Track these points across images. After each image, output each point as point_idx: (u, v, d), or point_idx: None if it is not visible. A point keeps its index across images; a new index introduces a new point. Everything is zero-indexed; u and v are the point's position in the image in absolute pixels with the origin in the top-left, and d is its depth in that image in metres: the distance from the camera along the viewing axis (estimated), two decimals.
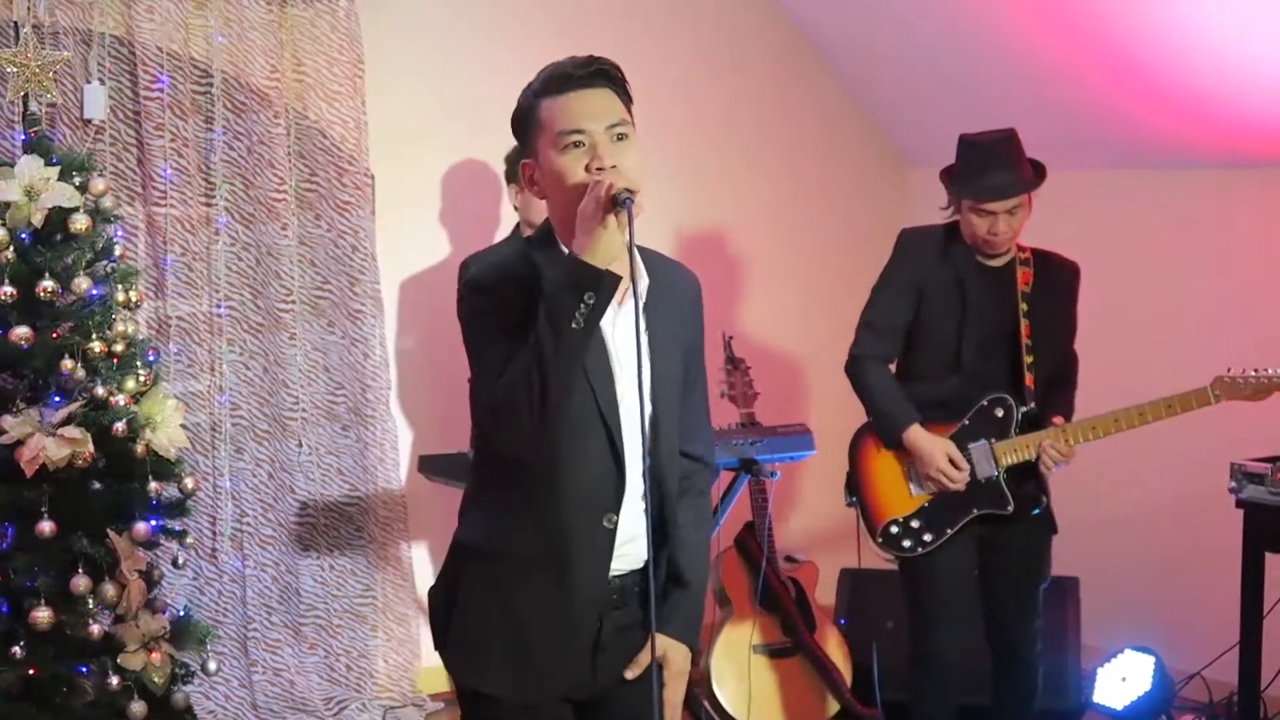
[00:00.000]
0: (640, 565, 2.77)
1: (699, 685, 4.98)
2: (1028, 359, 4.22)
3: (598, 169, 2.59)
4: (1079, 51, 5.20)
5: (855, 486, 4.40)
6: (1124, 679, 5.07)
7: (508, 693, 2.75)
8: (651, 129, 5.89)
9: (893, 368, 4.40)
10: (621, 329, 2.69)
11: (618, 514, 2.71)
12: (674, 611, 2.82)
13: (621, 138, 2.64)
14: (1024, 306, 4.21)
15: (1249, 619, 4.56)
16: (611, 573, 2.74)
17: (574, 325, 2.52)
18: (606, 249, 2.54)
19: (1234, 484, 4.50)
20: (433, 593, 2.88)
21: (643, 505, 2.71)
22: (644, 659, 2.78)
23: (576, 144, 2.62)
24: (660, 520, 2.76)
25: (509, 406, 2.57)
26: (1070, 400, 4.32)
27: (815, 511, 6.31)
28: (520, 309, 2.61)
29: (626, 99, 2.69)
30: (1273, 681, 4.75)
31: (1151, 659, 5.04)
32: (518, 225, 4.84)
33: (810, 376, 6.29)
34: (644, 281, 2.69)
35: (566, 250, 2.65)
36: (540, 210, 4.53)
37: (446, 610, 2.82)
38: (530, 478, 2.68)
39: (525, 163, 2.73)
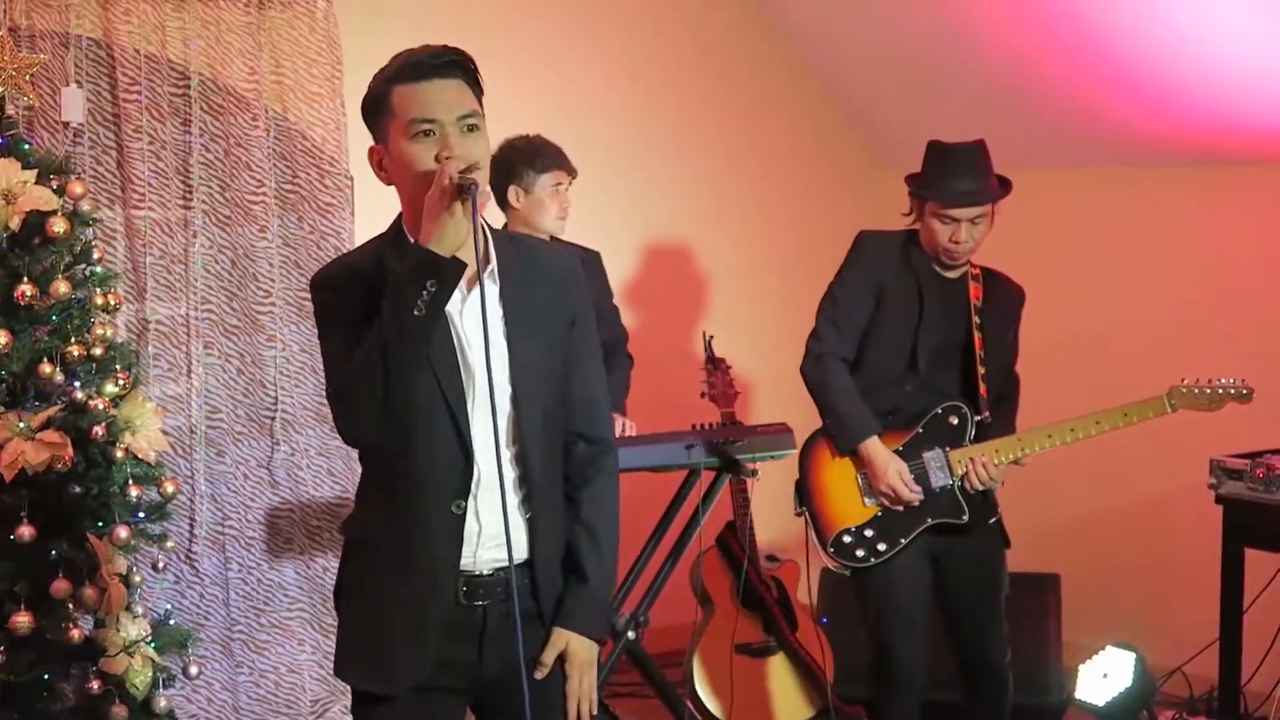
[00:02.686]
0: (522, 559, 2.76)
1: (682, 685, 4.98)
2: (981, 370, 4.20)
3: (445, 158, 2.62)
4: (1053, 50, 5.21)
5: (805, 495, 4.35)
6: (1105, 675, 5.08)
7: (360, 684, 2.78)
8: (629, 129, 5.95)
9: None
10: (469, 314, 2.69)
11: (465, 500, 2.71)
12: (574, 606, 2.82)
13: (473, 128, 2.68)
14: (977, 319, 4.19)
15: (1229, 614, 4.58)
16: (494, 565, 2.74)
17: (416, 312, 2.55)
18: (453, 236, 2.57)
19: (1213, 480, 4.52)
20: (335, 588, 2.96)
21: (514, 498, 2.73)
22: (547, 658, 2.80)
23: (427, 133, 2.66)
24: (531, 510, 2.76)
25: (352, 393, 2.62)
26: (1012, 419, 4.29)
27: None
28: (365, 303, 2.64)
29: (478, 90, 2.73)
30: (1253, 676, 4.77)
31: (1132, 655, 5.05)
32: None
33: (791, 375, 6.28)
34: (491, 263, 2.72)
35: (413, 240, 2.69)
36: (546, 214, 4.59)
37: (336, 604, 2.91)
38: (384, 466, 2.74)
39: (374, 148, 2.77)
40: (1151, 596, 5.50)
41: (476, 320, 2.64)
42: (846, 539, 4.25)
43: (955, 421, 4.19)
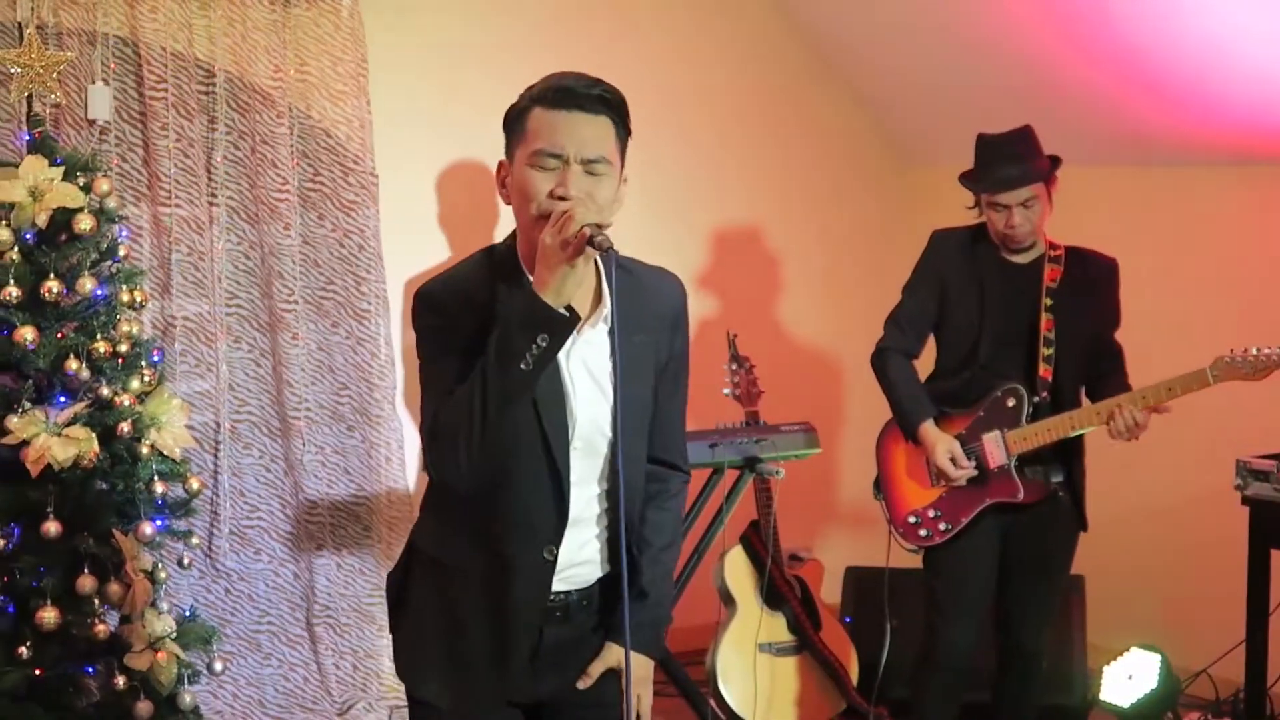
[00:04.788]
0: (586, 586, 2.75)
1: (705, 684, 4.98)
2: (1045, 351, 4.28)
3: (559, 196, 2.52)
4: (1082, 48, 5.20)
5: (880, 481, 4.51)
6: (1130, 677, 5.07)
7: (438, 701, 2.74)
8: (652, 130, 5.92)
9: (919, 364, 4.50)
10: (576, 358, 2.64)
11: (558, 546, 2.67)
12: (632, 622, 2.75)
13: (595, 174, 2.57)
14: (1048, 301, 4.28)
15: (1255, 616, 4.56)
16: (554, 591, 2.72)
17: (523, 366, 2.47)
18: (571, 289, 2.48)
19: (1240, 481, 4.50)
20: (390, 577, 2.88)
21: (593, 531, 2.72)
22: (594, 670, 2.77)
23: (548, 166, 2.55)
24: (616, 538, 2.73)
25: (448, 436, 2.54)
26: (1118, 384, 4.30)
27: (820, 510, 6.32)
28: (472, 329, 2.56)
29: (624, 131, 2.63)
30: (1279, 679, 4.74)
31: (1157, 657, 5.04)
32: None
33: (815, 374, 6.29)
34: (606, 308, 2.62)
35: (527, 272, 2.59)
36: None
37: (397, 602, 2.84)
38: (475, 497, 2.65)
39: (501, 163, 2.67)
40: (1177, 598, 5.47)
41: (582, 365, 2.63)
42: (912, 519, 4.40)
43: (1012, 403, 4.28)
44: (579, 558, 2.72)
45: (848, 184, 6.45)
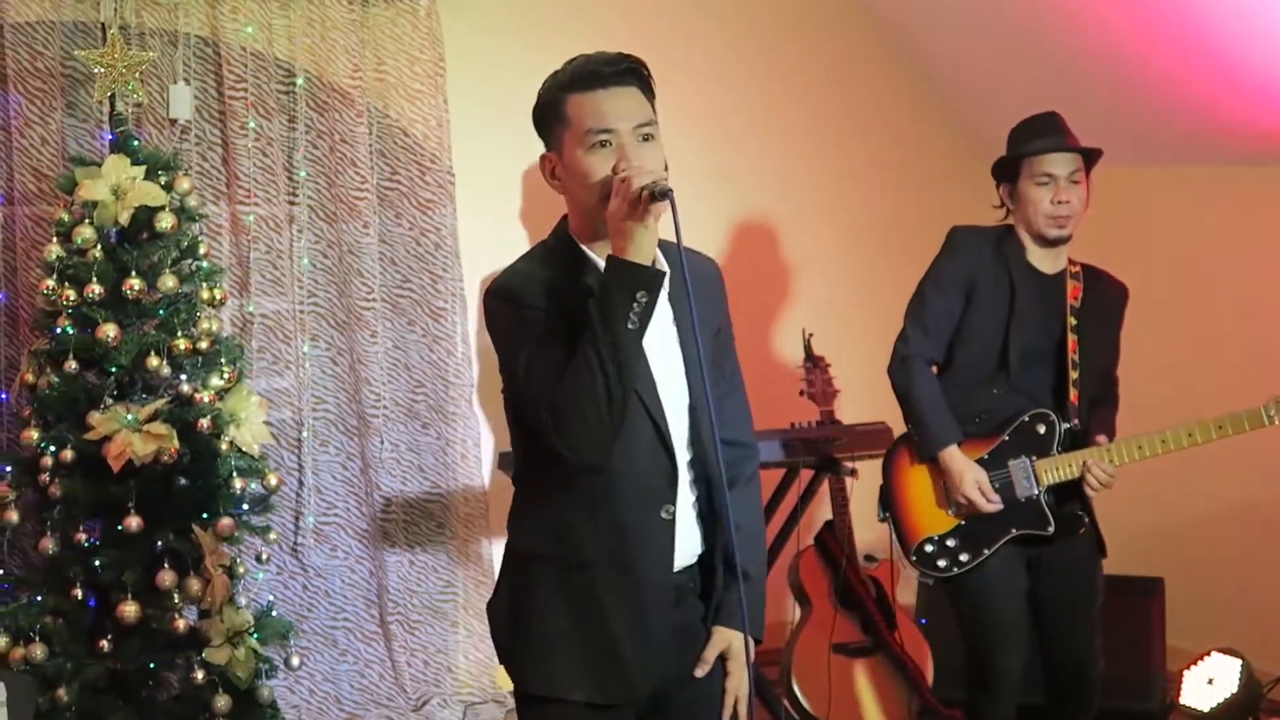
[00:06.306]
0: (693, 561, 2.78)
1: (779, 684, 4.97)
2: (1073, 374, 4.05)
3: (623, 169, 2.59)
4: (1169, 44, 5.13)
5: (889, 501, 4.23)
6: (1210, 681, 5.01)
7: (592, 698, 2.72)
8: (723, 124, 5.92)
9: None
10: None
11: (674, 504, 2.71)
12: (736, 605, 2.78)
13: (648, 138, 2.66)
14: (1072, 321, 4.06)
15: None
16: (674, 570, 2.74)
17: (630, 326, 2.54)
18: (649, 247, 2.57)
19: None
20: (493, 606, 2.85)
21: (690, 499, 2.75)
22: (709, 655, 2.79)
23: (604, 143, 2.63)
24: (710, 509, 2.77)
25: (574, 413, 2.57)
26: (1112, 421, 4.13)
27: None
28: (552, 311, 2.63)
29: (651, 96, 2.71)
30: None
31: (1238, 661, 4.97)
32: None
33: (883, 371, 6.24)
34: (668, 271, 2.69)
35: (586, 249, 2.69)
36: None
37: (512, 622, 2.79)
38: (584, 479, 2.67)
39: (546, 155, 2.74)
40: (1259, 601, 5.40)
41: (654, 327, 2.64)
42: (929, 548, 4.13)
43: (1042, 430, 4.04)
44: (684, 530, 2.75)
45: (926, 179, 6.39)
